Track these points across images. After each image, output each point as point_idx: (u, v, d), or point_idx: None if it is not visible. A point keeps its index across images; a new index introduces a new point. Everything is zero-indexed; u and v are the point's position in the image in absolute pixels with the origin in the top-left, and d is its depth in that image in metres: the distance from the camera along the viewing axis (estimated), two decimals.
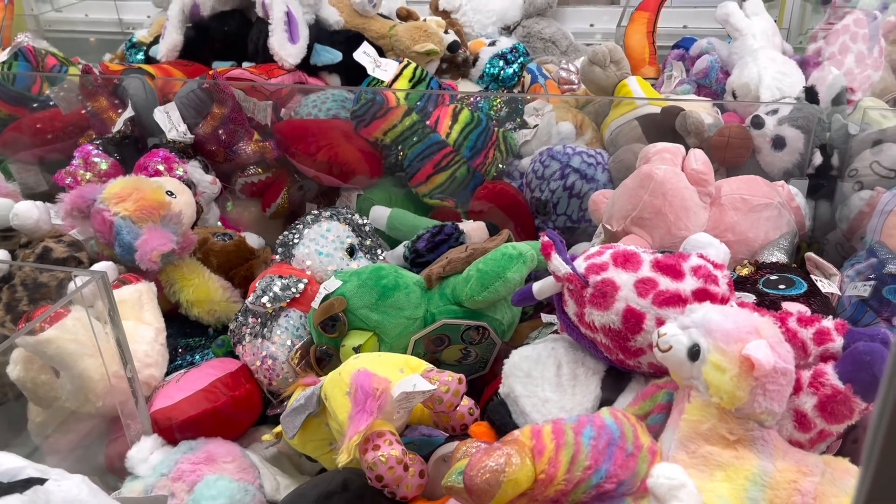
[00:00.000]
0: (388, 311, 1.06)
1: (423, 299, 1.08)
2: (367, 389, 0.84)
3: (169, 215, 1.21)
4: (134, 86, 1.55)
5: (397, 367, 0.91)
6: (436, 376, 0.88)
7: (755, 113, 1.33)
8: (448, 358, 1.11)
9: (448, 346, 1.10)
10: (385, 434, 0.84)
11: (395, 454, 0.81)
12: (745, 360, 0.72)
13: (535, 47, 2.17)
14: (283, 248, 1.25)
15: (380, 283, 1.08)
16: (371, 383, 0.85)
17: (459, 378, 0.89)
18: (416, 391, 0.84)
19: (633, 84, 1.52)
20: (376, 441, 0.83)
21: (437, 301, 1.08)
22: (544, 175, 1.44)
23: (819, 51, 1.65)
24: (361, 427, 0.82)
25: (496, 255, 1.06)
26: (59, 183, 1.42)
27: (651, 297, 0.85)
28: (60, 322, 0.98)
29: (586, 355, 0.95)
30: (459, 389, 0.88)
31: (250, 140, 1.55)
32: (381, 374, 0.87)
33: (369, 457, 0.81)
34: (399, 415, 0.89)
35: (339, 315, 1.06)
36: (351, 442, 0.82)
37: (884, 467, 0.32)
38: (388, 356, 0.98)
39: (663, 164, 1.16)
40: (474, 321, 1.08)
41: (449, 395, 0.87)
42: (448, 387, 0.87)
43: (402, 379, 0.87)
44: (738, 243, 1.15)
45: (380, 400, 0.84)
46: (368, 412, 0.83)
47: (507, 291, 1.05)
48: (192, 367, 1.16)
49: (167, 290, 1.24)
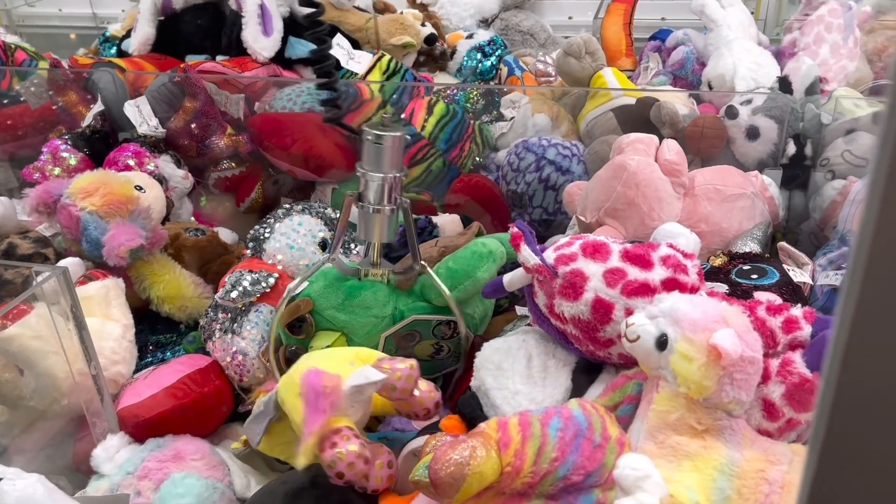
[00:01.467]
0: (355, 311, 1.05)
1: (391, 297, 1.07)
2: (317, 388, 0.83)
3: (137, 210, 1.19)
4: (104, 80, 1.53)
5: (347, 360, 0.89)
6: (387, 365, 0.86)
7: (729, 103, 1.33)
8: (421, 353, 1.10)
9: (420, 342, 1.09)
10: (342, 430, 0.82)
11: (353, 449, 0.80)
12: (713, 350, 0.71)
13: (514, 40, 2.16)
14: (253, 242, 1.24)
15: (346, 283, 1.06)
16: (321, 381, 0.83)
17: (411, 364, 0.86)
18: (368, 383, 0.82)
19: (608, 75, 1.52)
20: (333, 439, 0.81)
21: (406, 298, 1.07)
22: (520, 167, 1.43)
23: (794, 41, 1.65)
24: (315, 428, 0.80)
25: (466, 253, 1.05)
26: (26, 178, 1.39)
27: (620, 287, 0.84)
28: (23, 319, 0.96)
29: (557, 347, 0.94)
30: (412, 375, 0.86)
31: (223, 134, 1.53)
32: (332, 371, 0.85)
33: (327, 456, 0.80)
34: (354, 409, 0.87)
35: (306, 316, 1.04)
36: (307, 444, 0.80)
37: (829, 450, 0.32)
38: (338, 351, 0.96)
39: (637, 154, 1.15)
40: (444, 316, 1.07)
41: (402, 381, 0.85)
42: (400, 373, 0.85)
43: (352, 373, 0.85)
44: (711, 234, 1.15)
45: (331, 397, 0.82)
46: (321, 411, 0.82)
47: (477, 290, 1.04)
48: (163, 364, 1.14)
49: (137, 286, 1.23)
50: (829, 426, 0.31)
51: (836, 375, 0.30)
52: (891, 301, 0.29)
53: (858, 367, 0.30)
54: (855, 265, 0.28)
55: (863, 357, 0.30)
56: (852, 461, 0.32)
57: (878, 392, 0.30)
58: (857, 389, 0.31)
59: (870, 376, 0.30)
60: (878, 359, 0.30)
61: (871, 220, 0.27)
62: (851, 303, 0.29)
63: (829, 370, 0.30)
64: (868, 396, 0.31)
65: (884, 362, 0.30)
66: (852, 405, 0.31)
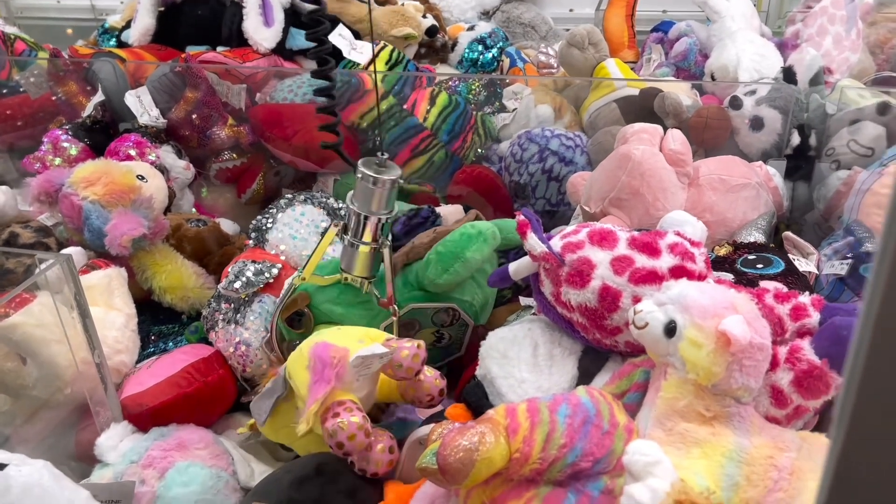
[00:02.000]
0: (351, 304, 1.05)
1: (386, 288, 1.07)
2: (324, 359, 0.83)
3: (140, 200, 1.19)
4: (104, 70, 1.52)
5: (356, 338, 0.89)
6: (394, 343, 0.86)
7: (733, 94, 1.32)
8: (422, 336, 1.10)
9: (420, 331, 1.08)
10: (345, 402, 0.82)
11: (355, 420, 0.79)
12: (721, 336, 0.71)
13: (515, 32, 2.15)
14: (256, 232, 1.23)
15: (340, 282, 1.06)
16: (329, 353, 0.83)
17: (419, 343, 0.86)
18: (374, 355, 0.82)
19: (611, 66, 1.51)
20: (336, 409, 0.81)
21: (402, 288, 1.07)
22: (523, 158, 1.43)
23: (797, 33, 1.65)
24: (319, 395, 0.80)
25: (454, 235, 1.04)
26: (27, 169, 1.39)
27: (627, 275, 0.84)
28: (26, 307, 0.95)
29: (563, 335, 0.93)
30: (419, 354, 0.85)
31: (224, 125, 1.52)
32: (340, 345, 0.85)
33: (329, 424, 0.79)
34: (360, 383, 0.86)
35: (304, 310, 1.04)
36: (310, 411, 0.80)
37: (852, 441, 0.32)
38: (348, 329, 0.95)
39: (641, 144, 1.15)
40: (442, 303, 1.06)
41: (408, 360, 0.85)
42: (407, 351, 0.85)
43: (361, 348, 0.85)
44: (716, 223, 1.14)
45: (337, 368, 0.82)
46: (326, 381, 0.82)
47: (468, 271, 1.03)
48: (165, 353, 1.14)
49: (139, 276, 1.22)
50: (853, 415, 0.31)
51: (862, 365, 0.30)
52: None
53: (883, 358, 0.30)
54: (881, 260, 0.28)
55: (888, 348, 0.30)
56: (876, 447, 0.32)
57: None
58: (882, 378, 0.30)
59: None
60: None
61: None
62: (877, 298, 0.28)
63: (853, 362, 0.30)
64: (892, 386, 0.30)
65: None
66: (877, 394, 0.31)
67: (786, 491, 0.70)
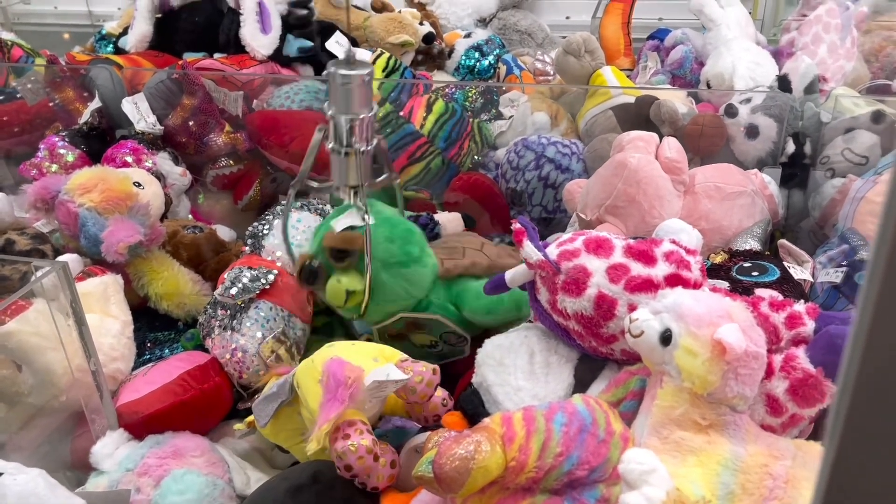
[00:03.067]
0: (397, 278, 1.03)
1: (433, 286, 1.07)
2: (339, 377, 0.83)
3: (136, 206, 1.19)
4: (101, 76, 1.52)
5: (371, 356, 0.90)
6: (410, 366, 0.87)
7: (729, 102, 1.33)
8: (417, 341, 1.10)
9: (422, 333, 1.08)
10: (356, 423, 0.83)
11: (364, 444, 0.80)
12: (717, 344, 0.71)
13: (511, 39, 2.16)
14: (252, 239, 1.23)
15: (405, 250, 1.04)
16: (343, 371, 0.83)
17: (434, 369, 0.88)
18: (389, 380, 0.82)
19: (607, 74, 1.52)
20: (346, 430, 0.81)
21: (441, 292, 1.06)
22: (519, 165, 1.43)
23: (792, 41, 1.66)
24: (332, 415, 0.80)
25: (515, 295, 1.02)
26: (23, 175, 1.39)
27: (623, 283, 0.84)
28: (22, 315, 0.95)
29: (559, 343, 0.94)
30: (433, 380, 0.87)
31: (221, 131, 1.52)
32: (355, 363, 0.85)
33: (339, 446, 0.80)
34: (371, 404, 0.87)
35: (355, 251, 1.01)
36: (321, 430, 0.80)
37: (845, 449, 0.32)
38: (362, 345, 0.96)
39: (637, 152, 1.15)
40: (463, 330, 1.07)
41: (422, 385, 0.86)
42: (422, 377, 0.86)
43: (375, 368, 0.85)
44: (711, 231, 1.15)
45: (352, 388, 0.82)
46: (340, 400, 0.82)
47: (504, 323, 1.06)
48: (161, 360, 1.14)
49: (136, 283, 1.22)
50: (847, 422, 0.31)
51: (855, 373, 0.30)
52: None
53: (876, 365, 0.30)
54: (874, 269, 0.28)
55: (881, 356, 0.30)
56: (870, 455, 0.32)
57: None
58: (875, 386, 0.30)
59: (888, 374, 0.30)
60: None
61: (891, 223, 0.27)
62: (870, 305, 0.29)
63: (846, 370, 0.30)
64: (887, 391, 0.31)
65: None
66: (870, 400, 0.31)
67: (781, 499, 0.71)
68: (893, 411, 0.31)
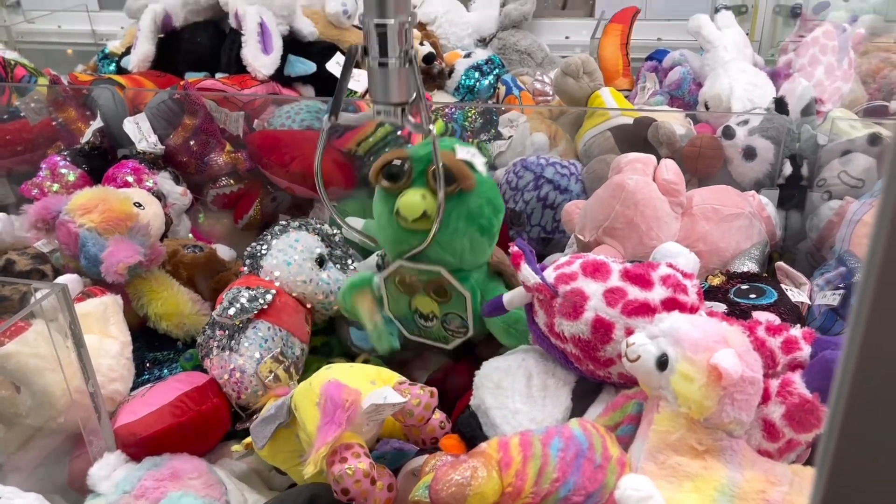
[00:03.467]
0: (468, 236, 0.98)
1: (480, 264, 1.04)
2: (336, 400, 0.83)
3: (136, 227, 1.19)
4: (103, 96, 1.53)
5: (369, 378, 0.90)
6: (407, 389, 0.87)
7: (726, 124, 1.34)
8: (420, 304, 1.07)
9: (427, 299, 1.05)
10: (353, 446, 0.83)
11: (362, 467, 0.80)
12: (713, 370, 0.72)
13: (511, 59, 2.17)
14: (251, 259, 1.24)
15: (491, 219, 1.00)
16: (341, 394, 0.83)
17: (431, 391, 0.88)
18: (387, 403, 0.83)
19: (606, 95, 1.53)
20: (344, 454, 0.81)
21: (481, 277, 1.04)
22: (518, 186, 1.44)
23: (790, 62, 1.67)
24: (329, 438, 0.81)
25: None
26: (25, 194, 1.39)
27: (620, 307, 0.84)
28: (21, 336, 0.95)
29: (557, 366, 0.94)
30: (431, 403, 0.87)
31: (222, 151, 1.53)
32: (352, 386, 0.86)
33: (336, 469, 0.80)
34: (368, 427, 0.87)
35: (457, 185, 0.94)
36: (318, 454, 0.80)
37: (837, 472, 0.32)
38: (360, 367, 0.96)
39: (635, 174, 1.16)
40: (473, 324, 1.05)
41: (420, 408, 0.86)
42: (419, 400, 0.86)
43: (372, 391, 0.86)
44: (709, 253, 1.15)
45: (349, 411, 0.83)
46: (337, 424, 0.82)
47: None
48: (160, 381, 1.14)
49: (135, 303, 1.22)
50: (838, 446, 0.31)
51: (846, 395, 0.30)
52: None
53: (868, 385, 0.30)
54: (864, 292, 0.28)
55: (872, 377, 0.30)
56: (861, 479, 0.32)
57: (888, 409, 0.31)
58: (867, 406, 0.31)
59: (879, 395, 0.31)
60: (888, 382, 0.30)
61: (880, 251, 0.28)
62: (861, 322, 0.29)
63: (838, 391, 0.30)
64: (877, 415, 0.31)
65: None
66: (862, 422, 0.31)
67: None
68: (885, 432, 0.31)
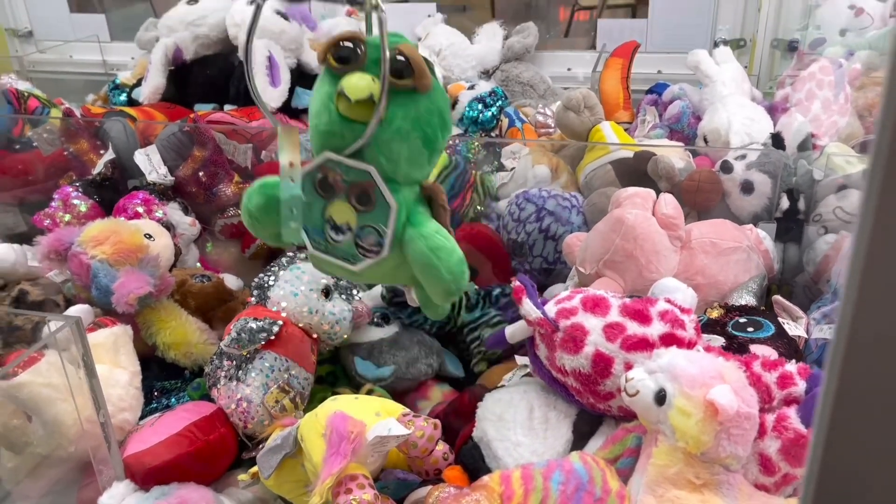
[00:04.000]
0: (408, 143, 0.85)
1: (413, 182, 0.89)
2: (342, 432, 0.85)
3: (147, 258, 1.22)
4: (115, 129, 1.57)
5: (373, 410, 0.92)
6: (411, 421, 0.89)
7: (724, 158, 1.37)
8: (336, 213, 0.90)
9: (346, 206, 0.90)
10: (358, 477, 0.84)
11: (366, 498, 0.82)
12: (710, 405, 0.74)
13: (514, 91, 2.21)
14: (258, 290, 1.26)
15: (436, 133, 0.86)
16: (346, 426, 0.85)
17: (435, 423, 0.90)
18: (391, 435, 0.84)
19: (606, 129, 1.56)
20: (349, 484, 0.83)
21: (411, 197, 0.89)
22: (520, 217, 1.46)
23: (787, 97, 1.70)
24: (335, 469, 0.82)
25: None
26: (37, 225, 1.42)
27: (619, 342, 0.86)
28: (34, 366, 0.97)
29: (558, 399, 0.96)
30: (434, 435, 0.89)
31: (231, 182, 1.56)
32: (357, 418, 0.88)
33: (341, 500, 0.82)
34: (373, 458, 0.89)
35: (413, 75, 0.82)
36: (324, 484, 0.82)
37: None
38: (365, 399, 0.98)
39: (634, 208, 1.19)
40: (389, 242, 0.87)
41: (424, 440, 0.88)
42: (423, 432, 0.88)
43: (377, 423, 0.88)
44: (708, 286, 1.17)
45: (354, 443, 0.85)
46: (342, 455, 0.84)
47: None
48: (168, 410, 1.16)
49: (144, 332, 1.25)
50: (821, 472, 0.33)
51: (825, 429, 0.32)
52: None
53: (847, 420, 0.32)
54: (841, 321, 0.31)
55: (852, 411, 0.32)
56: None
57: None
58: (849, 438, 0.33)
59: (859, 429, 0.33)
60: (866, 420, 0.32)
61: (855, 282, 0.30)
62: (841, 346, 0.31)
63: (818, 425, 0.32)
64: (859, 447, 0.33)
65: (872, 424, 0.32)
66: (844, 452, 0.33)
67: None
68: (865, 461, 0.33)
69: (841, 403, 0.33)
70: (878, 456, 0.33)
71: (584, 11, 4.47)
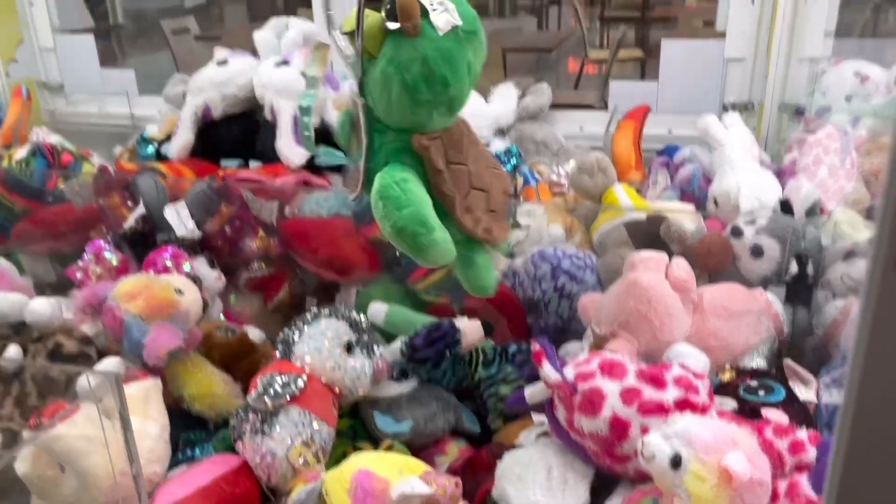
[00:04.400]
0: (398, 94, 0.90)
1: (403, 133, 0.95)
2: (366, 489, 0.88)
3: (177, 313, 1.26)
4: (146, 184, 1.63)
5: (397, 467, 0.95)
6: (433, 479, 0.92)
7: (734, 223, 1.41)
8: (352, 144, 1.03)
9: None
10: None
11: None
12: (724, 471, 0.77)
13: (528, 149, 2.27)
14: (283, 345, 1.30)
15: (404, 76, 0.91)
16: (371, 483, 0.89)
17: (456, 482, 0.93)
18: (415, 493, 0.88)
19: (619, 191, 1.61)
20: None
21: (394, 144, 0.95)
22: (536, 275, 1.51)
23: (794, 161, 1.75)
24: None
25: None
26: (70, 277, 1.48)
27: (636, 406, 0.90)
28: (70, 419, 1.01)
29: (576, 459, 0.99)
30: (456, 493, 0.92)
31: (255, 237, 1.62)
32: (381, 475, 0.91)
33: None
34: None
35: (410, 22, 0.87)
36: None
37: None
38: (388, 456, 1.02)
39: (648, 272, 1.23)
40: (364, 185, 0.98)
41: (445, 498, 0.91)
42: (445, 490, 0.91)
43: (400, 480, 0.91)
44: (720, 349, 1.21)
45: (379, 500, 0.88)
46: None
47: None
48: (193, 461, 1.19)
49: (171, 384, 1.28)
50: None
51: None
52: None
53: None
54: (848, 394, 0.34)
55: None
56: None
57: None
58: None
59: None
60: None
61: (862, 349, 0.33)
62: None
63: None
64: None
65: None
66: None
67: None
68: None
69: (849, 470, 0.36)
70: None
71: (593, 65, 4.60)
